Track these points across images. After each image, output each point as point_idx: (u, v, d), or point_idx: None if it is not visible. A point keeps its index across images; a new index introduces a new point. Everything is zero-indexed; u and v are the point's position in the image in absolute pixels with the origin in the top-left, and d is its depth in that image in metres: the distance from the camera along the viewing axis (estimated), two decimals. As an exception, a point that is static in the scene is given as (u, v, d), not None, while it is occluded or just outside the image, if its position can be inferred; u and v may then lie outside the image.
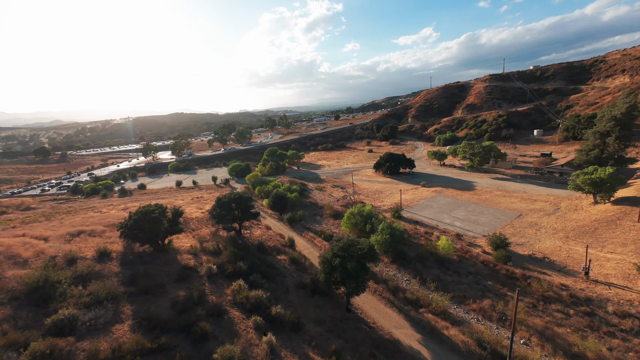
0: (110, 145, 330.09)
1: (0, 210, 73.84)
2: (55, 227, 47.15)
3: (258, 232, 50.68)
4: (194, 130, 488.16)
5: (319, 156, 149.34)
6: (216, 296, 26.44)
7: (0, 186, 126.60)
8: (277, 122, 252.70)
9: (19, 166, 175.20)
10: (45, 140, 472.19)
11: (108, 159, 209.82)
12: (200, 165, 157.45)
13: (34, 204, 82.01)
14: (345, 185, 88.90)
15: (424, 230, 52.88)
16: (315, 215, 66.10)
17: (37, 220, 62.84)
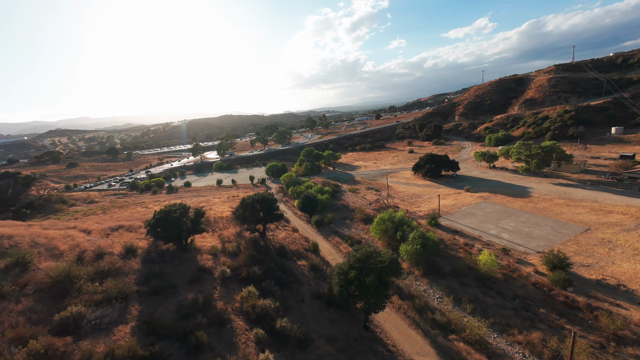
0: (168, 145, 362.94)
1: (71, 202, 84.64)
2: (104, 221, 51.73)
3: (283, 234, 49.92)
4: (240, 131, 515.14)
5: (357, 157, 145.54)
6: (224, 302, 25.77)
7: (78, 181, 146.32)
8: (317, 122, 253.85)
9: (94, 164, 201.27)
10: (118, 141, 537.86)
11: (164, 158, 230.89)
12: (242, 164, 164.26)
13: (97, 198, 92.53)
14: (380, 188, 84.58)
15: (463, 241, 47.11)
16: (345, 218, 63.51)
17: (95, 213, 70.37)
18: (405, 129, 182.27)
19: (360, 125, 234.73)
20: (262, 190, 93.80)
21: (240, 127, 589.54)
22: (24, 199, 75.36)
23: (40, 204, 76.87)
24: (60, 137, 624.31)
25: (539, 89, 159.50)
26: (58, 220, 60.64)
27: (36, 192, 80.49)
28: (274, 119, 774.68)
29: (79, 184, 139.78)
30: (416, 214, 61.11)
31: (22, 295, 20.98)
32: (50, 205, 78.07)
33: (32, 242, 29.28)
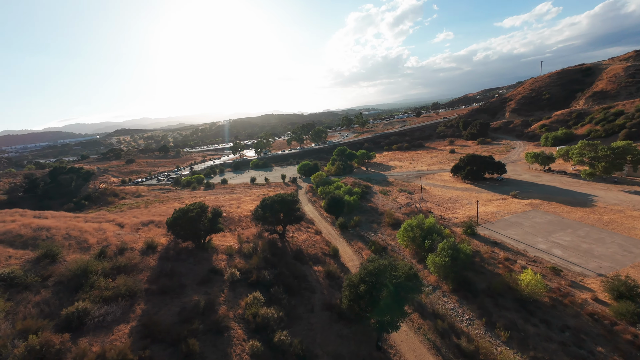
0: (213, 144, 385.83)
1: (122, 195, 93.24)
2: (141, 215, 55.43)
3: (304, 236, 48.73)
4: (279, 130, 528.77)
5: (392, 156, 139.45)
6: (228, 307, 25.18)
7: (132, 176, 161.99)
8: (353, 120, 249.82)
9: (148, 160, 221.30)
10: (171, 139, 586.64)
11: (207, 155, 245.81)
12: (277, 162, 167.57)
13: (144, 192, 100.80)
14: (414, 190, 79.38)
15: (504, 255, 41.43)
16: (372, 222, 60.36)
17: (138, 206, 76.30)
18: (447, 127, 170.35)
19: (398, 124, 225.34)
20: (293, 189, 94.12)
21: (280, 126, 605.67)
22: (84, 192, 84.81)
23: (97, 196, 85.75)
24: (124, 135, 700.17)
25: (612, 79, 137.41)
26: (106, 212, 66.82)
27: (93, 186, 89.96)
28: (312, 118, 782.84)
29: (133, 178, 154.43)
30: (451, 221, 55.75)
31: (42, 287, 22.47)
32: (104, 197, 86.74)
33: (67, 234, 31.81)
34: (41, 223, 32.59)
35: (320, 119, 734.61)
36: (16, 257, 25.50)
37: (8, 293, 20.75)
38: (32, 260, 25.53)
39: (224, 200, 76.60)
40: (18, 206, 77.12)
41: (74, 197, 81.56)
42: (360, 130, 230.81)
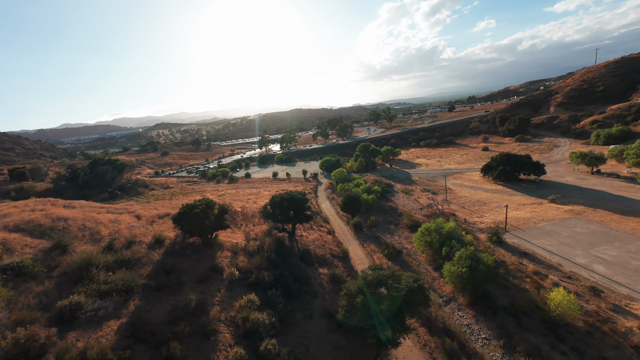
0: (242, 137, 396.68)
1: (151, 187, 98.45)
2: (161, 207, 57.55)
3: (315, 235, 47.45)
4: (307, 124, 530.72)
5: (419, 153, 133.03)
6: (221, 308, 24.68)
7: (165, 167, 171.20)
8: (381, 115, 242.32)
9: (181, 153, 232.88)
10: (204, 133, 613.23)
11: (235, 149, 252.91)
12: (301, 157, 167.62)
13: (172, 184, 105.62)
14: (438, 191, 74.67)
15: (533, 268, 37.02)
16: (389, 223, 57.53)
17: (163, 198, 79.79)
18: (481, 123, 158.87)
19: (428, 119, 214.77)
20: (313, 186, 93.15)
21: (308, 121, 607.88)
22: (118, 182, 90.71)
23: (129, 187, 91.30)
24: (163, 129, 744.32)
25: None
26: (133, 203, 70.66)
27: (126, 177, 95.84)
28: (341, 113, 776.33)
29: (166, 170, 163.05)
30: (475, 226, 51.33)
31: (47, 277, 23.45)
32: (135, 188, 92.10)
33: (82, 225, 33.39)
34: (61, 213, 34.53)
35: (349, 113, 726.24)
36: (31, 247, 27.00)
37: (13, 282, 21.81)
38: (45, 250, 26.86)
39: (243, 195, 77.64)
40: (62, 194, 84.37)
41: (109, 187, 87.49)
42: (388, 126, 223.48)
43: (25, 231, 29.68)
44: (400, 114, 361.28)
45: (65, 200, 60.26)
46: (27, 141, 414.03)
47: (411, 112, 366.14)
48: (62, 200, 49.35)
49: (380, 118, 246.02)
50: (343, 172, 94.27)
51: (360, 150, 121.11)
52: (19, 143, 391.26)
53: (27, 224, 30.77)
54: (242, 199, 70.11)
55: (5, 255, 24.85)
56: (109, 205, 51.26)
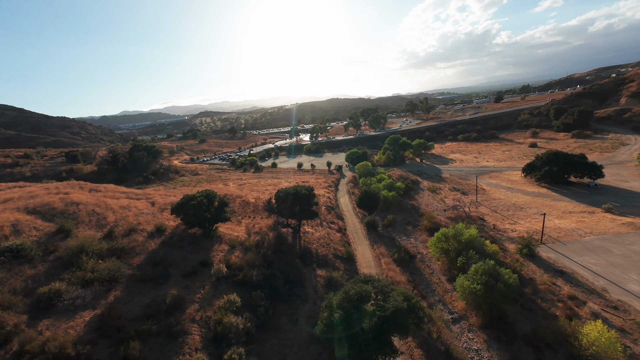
0: (277, 127, 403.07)
1: (182, 173, 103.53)
2: (179, 194, 59.32)
3: (322, 232, 45.34)
4: (343, 114, 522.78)
5: (455, 148, 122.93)
6: (199, 306, 23.95)
7: (200, 154, 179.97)
8: (418, 106, 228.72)
9: (217, 140, 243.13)
10: (242, 121, 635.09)
11: (269, 138, 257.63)
12: (330, 148, 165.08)
13: (201, 171, 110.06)
14: (469, 191, 67.82)
15: (568, 291, 31.30)
16: (408, 223, 53.38)
17: (189, 184, 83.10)
18: (532, 115, 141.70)
19: (471, 110, 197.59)
20: (334, 179, 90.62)
21: (344, 111, 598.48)
22: (152, 168, 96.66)
23: (162, 172, 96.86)
24: (206, 117, 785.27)
25: None
26: (161, 188, 74.48)
27: (159, 164, 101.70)
28: (379, 103, 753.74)
29: (200, 157, 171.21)
30: (505, 234, 45.31)
31: (42, 261, 24.55)
32: (167, 174, 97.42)
33: (92, 210, 34.99)
34: (76, 198, 36.51)
35: (387, 103, 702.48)
36: (39, 229, 28.64)
37: (10, 264, 23.02)
38: (51, 233, 28.30)
39: (262, 185, 77.84)
40: (104, 176, 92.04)
41: (144, 172, 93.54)
42: (425, 117, 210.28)
43: (40, 214, 31.64)
44: (442, 104, 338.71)
45: (99, 183, 65.32)
46: (90, 126, 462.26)
47: (454, 103, 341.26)
48: (90, 184, 52.92)
49: (417, 109, 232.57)
50: (367, 165, 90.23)
51: (389, 142, 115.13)
52: (84, 128, 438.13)
53: (43, 207, 32.81)
54: (260, 190, 70.15)
55: (13, 236, 26.45)
56: (131, 190, 53.94)
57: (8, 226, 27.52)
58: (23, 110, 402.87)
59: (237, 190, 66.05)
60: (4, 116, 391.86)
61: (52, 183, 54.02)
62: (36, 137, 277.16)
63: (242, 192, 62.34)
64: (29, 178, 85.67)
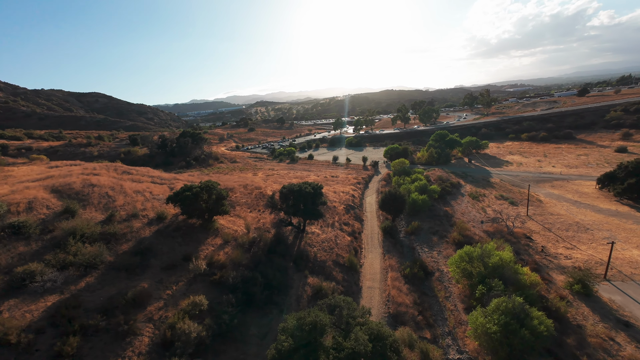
0: (326, 118, 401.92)
1: (221, 159, 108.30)
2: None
3: (330, 234, 41.70)
4: (396, 107, 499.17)
5: (515, 148, 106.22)
6: (163, 304, 22.95)
7: (246, 143, 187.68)
8: (478, 99, 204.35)
9: (265, 130, 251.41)
10: (294, 112, 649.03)
11: (314, 129, 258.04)
12: (372, 142, 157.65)
13: (239, 159, 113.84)
14: (520, 201, 57.15)
15: (631, 353, 23.10)
16: (434, 233, 46.83)
17: (223, 171, 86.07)
18: (627, 113, 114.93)
19: (543, 105, 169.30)
20: (367, 175, 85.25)
21: (397, 103, 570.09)
22: (194, 154, 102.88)
23: (203, 158, 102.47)
24: (261, 107, 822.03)
25: None
26: (196, 172, 78.37)
27: (201, 150, 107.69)
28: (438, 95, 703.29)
29: (246, 145, 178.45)
30: (555, 261, 36.35)
31: (37, 240, 26.02)
32: (207, 160, 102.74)
33: (106, 193, 36.98)
34: (95, 179, 38.98)
35: (446, 96, 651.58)
36: (50, 208, 30.84)
37: (7, 240, 24.76)
38: (58, 213, 30.21)
39: (289, 177, 76.59)
40: (154, 159, 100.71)
41: (187, 157, 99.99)
42: (485, 112, 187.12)
43: (59, 192, 34.24)
44: (512, 97, 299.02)
45: (149, 165, 71.20)
46: (162, 113, 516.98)
47: (527, 96, 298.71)
48: (126, 166, 57.15)
49: (476, 102, 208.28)
50: (404, 163, 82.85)
51: (434, 139, 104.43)
52: (157, 114, 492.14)
53: (64, 186, 35.51)
54: (284, 182, 68.91)
55: (25, 213, 28.71)
56: (160, 175, 56.89)
57: (24, 203, 30.00)
58: (111, 98, 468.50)
59: (259, 181, 65.77)
60: (97, 102, 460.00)
61: (99, 163, 59.70)
62: (119, 121, 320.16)
63: (263, 184, 61.72)
64: (96, 157, 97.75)
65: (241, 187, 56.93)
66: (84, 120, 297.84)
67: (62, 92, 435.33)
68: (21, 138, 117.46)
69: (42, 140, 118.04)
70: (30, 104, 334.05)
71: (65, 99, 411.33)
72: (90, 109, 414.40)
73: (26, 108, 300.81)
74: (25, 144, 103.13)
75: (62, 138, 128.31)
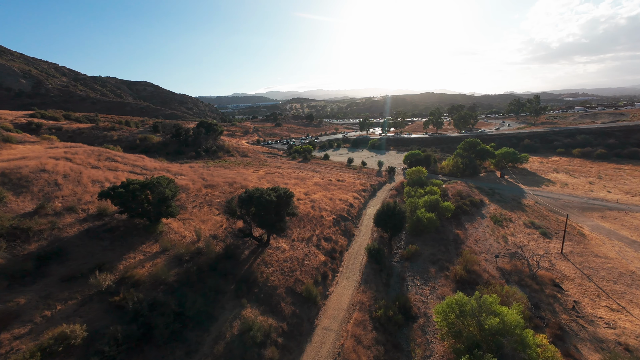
0: (358, 118, 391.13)
1: (232, 152, 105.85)
2: (206, 174, 57.62)
3: (300, 252, 35.02)
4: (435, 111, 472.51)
5: (562, 165, 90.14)
6: (31, 329, 18.24)
7: (268, 137, 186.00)
8: (526, 106, 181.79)
9: (291, 126, 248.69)
10: (329, 110, 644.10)
11: (341, 128, 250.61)
12: (397, 146, 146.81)
13: (252, 153, 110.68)
14: (556, 232, 45.71)
15: None
16: (434, 262, 38.24)
17: (226, 166, 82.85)
18: None
19: (606, 117, 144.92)
20: (379, 182, 76.79)
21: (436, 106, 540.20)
22: (205, 145, 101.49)
23: (214, 150, 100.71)
24: (296, 103, 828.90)
25: None
26: (194, 164, 75.81)
27: (211, 141, 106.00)
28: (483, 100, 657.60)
29: (268, 139, 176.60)
30: (590, 327, 26.32)
31: None
32: (217, 152, 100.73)
33: (54, 180, 33.95)
34: (50, 165, 36.27)
35: (493, 102, 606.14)
36: None
37: None
38: None
39: (288, 178, 70.91)
40: (167, 147, 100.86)
41: (198, 148, 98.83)
42: (532, 121, 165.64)
43: (4, 176, 31.70)
44: (561, 107, 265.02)
45: (162, 153, 70.53)
46: (202, 104, 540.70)
47: (589, 106, 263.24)
48: (112, 152, 55.20)
49: (523, 110, 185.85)
50: (420, 172, 73.13)
51: (463, 147, 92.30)
52: (196, 105, 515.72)
53: (13, 169, 32.98)
54: (280, 182, 63.40)
55: (-54, 196, 26.09)
56: (147, 164, 54.22)
57: (-47, 185, 27.55)
58: (158, 87, 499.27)
59: (253, 180, 60.92)
60: (145, 91, 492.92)
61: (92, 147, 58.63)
62: (160, 109, 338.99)
63: (253, 183, 56.68)
64: (115, 141, 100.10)
65: (226, 184, 52.37)
66: (129, 106, 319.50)
67: (116, 79, 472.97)
68: (58, 119, 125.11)
69: (76, 122, 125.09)
70: (87, 89, 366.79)
71: (117, 86, 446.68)
72: (138, 97, 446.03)
73: (82, 93, 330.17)
74: (57, 125, 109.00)
75: (95, 121, 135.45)
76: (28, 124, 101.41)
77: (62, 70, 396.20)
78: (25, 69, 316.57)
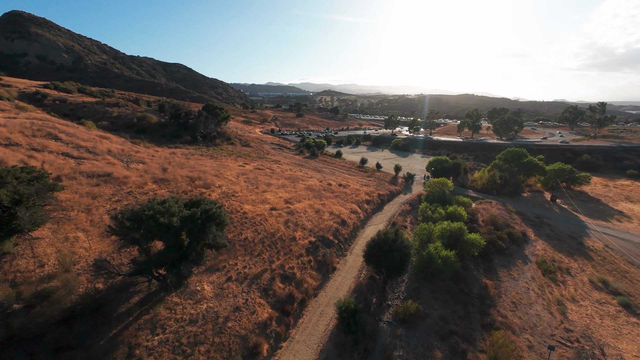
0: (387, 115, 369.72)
1: (233, 140, 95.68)
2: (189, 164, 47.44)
3: (224, 301, 22.90)
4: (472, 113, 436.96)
5: (637, 192, 69.54)
6: None
7: (285, 128, 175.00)
8: (585, 115, 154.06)
9: (313, 117, 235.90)
10: (359, 105, 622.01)
11: (366, 124, 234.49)
12: (424, 149, 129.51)
13: (254, 143, 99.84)
14: (637, 281, 29.50)
15: None
16: (444, 336, 24.56)
17: (216, 155, 72.43)
18: None
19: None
20: (391, 191, 62.22)
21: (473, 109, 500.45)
22: (203, 129, 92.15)
23: (212, 136, 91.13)
24: (327, 96, 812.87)
25: None
26: (176, 149, 66.16)
27: (213, 126, 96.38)
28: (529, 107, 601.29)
29: (284, 129, 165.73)
30: None
31: None
32: (216, 139, 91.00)
33: None
34: None
35: (540, 109, 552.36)
36: None
37: None
38: None
39: (279, 177, 58.79)
40: (165, 128, 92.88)
41: (196, 132, 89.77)
42: (592, 133, 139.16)
43: None
44: (609, 116, 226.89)
45: (158, 134, 61.95)
46: (232, 90, 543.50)
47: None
48: (73, 130, 46.22)
49: (580, 119, 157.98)
50: (445, 184, 57.86)
51: (503, 157, 74.51)
52: (226, 90, 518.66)
53: None
54: (261, 184, 51.56)
55: None
56: (115, 145, 44.68)
57: None
58: (191, 70, 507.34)
59: (229, 177, 49.55)
60: (178, 73, 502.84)
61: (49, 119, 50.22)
62: (188, 92, 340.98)
63: (216, 182, 45.27)
64: (114, 118, 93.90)
65: (185, 180, 41.40)
66: (159, 87, 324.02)
67: (153, 60, 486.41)
68: (71, 91, 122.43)
69: (89, 96, 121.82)
70: (124, 67, 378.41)
71: (153, 66, 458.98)
72: (171, 78, 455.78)
73: (117, 70, 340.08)
74: (63, 97, 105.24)
75: (110, 96, 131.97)
76: (35, 93, 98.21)
77: (104, 48, 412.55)
78: (69, 45, 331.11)
